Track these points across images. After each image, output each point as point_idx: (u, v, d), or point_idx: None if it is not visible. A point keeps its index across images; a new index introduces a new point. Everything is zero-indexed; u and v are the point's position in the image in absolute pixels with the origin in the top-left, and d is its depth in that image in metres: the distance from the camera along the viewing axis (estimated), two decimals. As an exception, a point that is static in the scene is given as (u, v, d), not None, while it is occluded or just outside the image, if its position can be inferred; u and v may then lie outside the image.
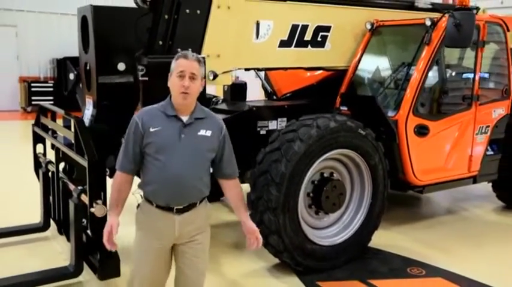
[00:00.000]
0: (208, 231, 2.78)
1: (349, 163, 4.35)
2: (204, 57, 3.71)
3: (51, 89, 14.55)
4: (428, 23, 4.70)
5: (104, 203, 3.45)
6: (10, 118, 13.53)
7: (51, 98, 13.73)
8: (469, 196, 6.70)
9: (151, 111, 2.65)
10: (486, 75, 5.43)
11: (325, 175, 4.21)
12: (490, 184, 5.96)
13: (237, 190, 2.81)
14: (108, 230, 2.57)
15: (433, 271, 4.28)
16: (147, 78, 3.86)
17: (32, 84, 14.60)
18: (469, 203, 6.37)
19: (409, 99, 4.59)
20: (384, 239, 4.89)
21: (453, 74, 5.26)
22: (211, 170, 2.76)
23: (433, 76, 4.97)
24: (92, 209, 3.33)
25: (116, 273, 3.57)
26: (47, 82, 14.92)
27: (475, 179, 5.38)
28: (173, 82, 2.58)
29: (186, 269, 2.70)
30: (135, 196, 2.97)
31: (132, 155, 2.61)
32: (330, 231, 4.35)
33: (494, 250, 4.85)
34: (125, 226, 2.73)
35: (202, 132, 2.62)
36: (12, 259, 4.22)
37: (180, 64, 2.57)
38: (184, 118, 2.60)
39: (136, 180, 2.72)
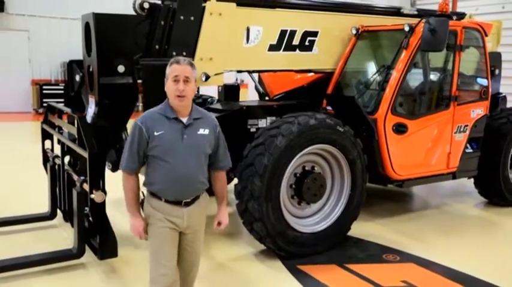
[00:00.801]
0: (205, 221, 3.04)
1: (330, 158, 4.70)
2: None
3: (61, 91, 15.06)
4: (406, 28, 5.05)
5: (103, 190, 3.87)
6: (22, 119, 14.05)
7: (62, 99, 14.21)
8: (455, 192, 7.03)
9: (152, 115, 2.82)
10: (465, 77, 5.75)
11: (306, 168, 4.58)
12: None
13: (224, 181, 3.08)
14: (139, 231, 2.85)
15: (407, 258, 4.63)
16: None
17: (44, 87, 15.14)
18: (453, 199, 6.69)
19: (388, 99, 4.95)
20: (366, 230, 5.26)
21: (432, 76, 5.61)
22: None
23: (412, 78, 5.33)
24: (92, 196, 3.75)
25: (114, 254, 4.00)
26: (57, 85, 15.47)
27: (454, 175, 5.71)
28: (169, 87, 2.76)
29: (185, 253, 2.95)
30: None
31: (137, 157, 2.79)
32: (311, 220, 4.70)
33: (467, 240, 5.17)
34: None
35: (201, 131, 2.83)
36: (22, 243, 4.64)
37: (174, 69, 2.74)
38: (184, 119, 2.79)
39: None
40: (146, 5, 4.44)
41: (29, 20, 15.02)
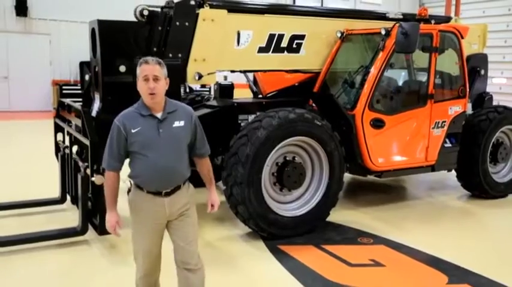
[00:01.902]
0: (194, 207, 3.12)
1: (310, 149, 5.16)
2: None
3: (80, 91, 15.76)
4: (383, 32, 5.50)
5: (103, 174, 4.40)
6: (43, 117, 14.77)
7: (80, 99, 14.88)
8: (441, 185, 7.43)
9: (129, 114, 2.94)
10: (443, 76, 6.16)
11: (288, 158, 5.06)
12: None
13: (208, 166, 3.20)
14: (113, 225, 2.94)
15: (380, 241, 5.06)
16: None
17: (63, 87, 15.92)
18: (438, 192, 7.10)
19: (365, 96, 5.40)
20: (348, 217, 5.72)
21: (410, 75, 6.03)
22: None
23: (390, 77, 5.76)
24: (93, 179, 4.29)
25: (112, 231, 4.52)
26: (76, 85, 16.18)
27: (433, 168, 6.12)
28: (140, 86, 2.89)
29: (179, 240, 3.05)
30: (126, 183, 3.48)
31: (117, 155, 2.92)
32: (293, 205, 5.16)
33: (442, 227, 5.57)
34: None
35: (176, 123, 2.94)
36: (35, 223, 5.21)
37: (144, 69, 2.87)
38: (159, 115, 2.90)
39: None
40: (146, 12, 5.00)
41: (50, 24, 15.81)
